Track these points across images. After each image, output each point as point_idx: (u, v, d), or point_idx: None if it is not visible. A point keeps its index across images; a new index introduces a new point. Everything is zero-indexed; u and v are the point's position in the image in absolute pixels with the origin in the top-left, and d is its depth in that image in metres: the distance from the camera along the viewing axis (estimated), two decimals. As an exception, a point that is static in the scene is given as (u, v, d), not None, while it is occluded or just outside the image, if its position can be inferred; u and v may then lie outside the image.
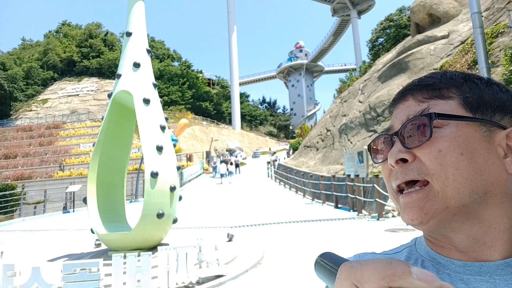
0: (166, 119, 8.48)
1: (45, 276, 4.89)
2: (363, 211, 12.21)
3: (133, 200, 18.43)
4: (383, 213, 10.87)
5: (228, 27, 63.45)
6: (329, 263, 0.43)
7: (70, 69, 66.56)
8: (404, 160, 0.55)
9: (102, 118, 8.18)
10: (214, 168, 29.37)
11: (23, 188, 26.88)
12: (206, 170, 32.44)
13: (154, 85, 8.45)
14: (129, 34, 8.51)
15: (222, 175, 27.43)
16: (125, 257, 5.24)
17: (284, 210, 13.50)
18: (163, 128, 7.91)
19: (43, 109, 56.47)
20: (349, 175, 13.75)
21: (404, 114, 0.58)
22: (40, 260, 7.13)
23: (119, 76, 8.16)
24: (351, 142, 19.04)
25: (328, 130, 23.89)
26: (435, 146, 0.52)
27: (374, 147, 0.62)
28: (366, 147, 14.14)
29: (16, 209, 20.16)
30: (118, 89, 7.99)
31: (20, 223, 15.46)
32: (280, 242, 8.23)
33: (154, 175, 7.07)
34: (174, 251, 5.48)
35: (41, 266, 4.99)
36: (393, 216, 10.82)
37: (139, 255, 5.36)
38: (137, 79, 8.06)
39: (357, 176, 12.92)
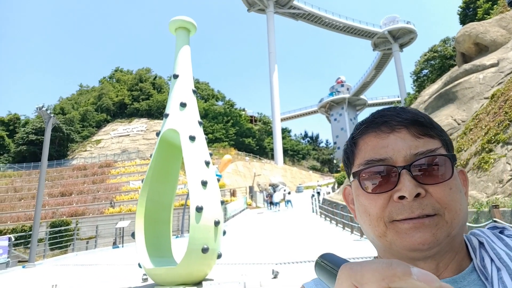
0: (211, 154, 8.70)
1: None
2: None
3: (179, 236, 18.68)
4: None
5: (269, 67, 65.18)
6: (329, 264, 0.44)
7: (121, 112, 70.91)
8: (417, 194, 0.57)
9: (151, 156, 8.55)
10: (269, 202, 30.84)
11: (77, 224, 28.22)
12: (250, 205, 32.37)
13: (199, 123, 8.78)
14: (176, 76, 9.02)
15: (277, 204, 29.66)
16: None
17: (331, 246, 13.04)
18: (207, 163, 8.11)
19: (96, 149, 60.00)
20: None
21: (403, 147, 0.60)
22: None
23: (167, 115, 8.59)
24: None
25: (373, 164, 23.18)
26: (447, 184, 0.58)
27: (366, 176, 0.62)
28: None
29: (70, 244, 21.06)
30: (166, 128, 8.38)
31: (73, 257, 16.09)
32: (327, 280, 7.89)
33: (199, 209, 7.19)
34: (219, 286, 5.44)
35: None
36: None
37: (184, 290, 5.37)
38: (183, 118, 8.43)
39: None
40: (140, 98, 71.36)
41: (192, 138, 8.09)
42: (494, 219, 7.85)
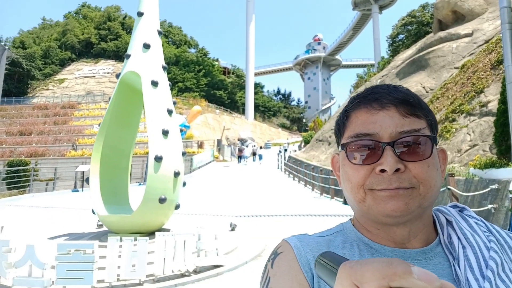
0: (174, 103, 8.31)
1: (40, 254, 4.80)
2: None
3: (142, 183, 18.46)
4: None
5: (246, 16, 62.86)
6: (329, 263, 0.44)
7: (87, 51, 67.09)
8: (397, 169, 0.62)
9: (109, 99, 8.05)
10: (240, 157, 32.14)
11: (36, 165, 27.27)
12: (217, 158, 32.38)
13: (164, 68, 8.26)
14: (140, 14, 8.32)
15: (246, 157, 31.87)
16: (121, 240, 5.12)
17: (291, 202, 13.29)
18: (170, 112, 7.74)
19: (59, 88, 57.16)
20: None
21: (391, 124, 0.64)
22: (41, 237, 7.10)
23: (128, 56, 8.00)
24: (364, 138, 18.64)
25: (341, 125, 23.50)
26: (426, 162, 0.63)
27: (353, 148, 0.66)
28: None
29: (28, 185, 20.38)
30: (127, 70, 7.84)
31: (29, 198, 15.62)
32: (284, 235, 8.03)
33: (158, 159, 6.93)
34: (172, 237, 5.34)
35: (36, 244, 4.90)
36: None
37: (135, 239, 5.23)
38: (146, 61, 7.88)
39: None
40: (108, 38, 67.47)
41: (154, 84, 7.63)
42: (449, 186, 8.12)
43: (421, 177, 0.63)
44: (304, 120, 78.31)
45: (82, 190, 18.81)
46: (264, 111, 74.17)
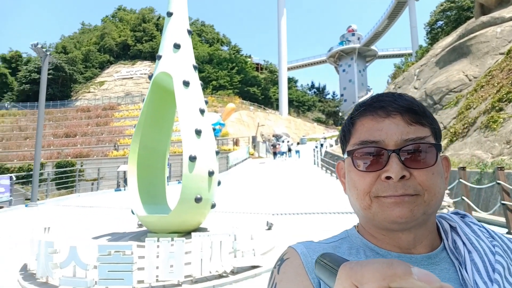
0: (206, 102, 8.33)
1: (82, 255, 4.96)
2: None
3: (181, 181, 18.83)
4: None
5: (277, 10, 62.40)
6: (329, 264, 0.44)
7: (124, 53, 69.30)
8: (402, 176, 0.63)
9: (143, 101, 8.20)
10: (275, 153, 32.16)
11: (81, 166, 28.60)
12: (252, 154, 32.46)
13: (195, 67, 8.29)
14: (169, 14, 8.37)
15: (283, 153, 31.86)
16: (158, 240, 5.19)
17: (329, 199, 13.05)
18: (202, 111, 7.76)
19: (100, 91, 59.51)
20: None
21: (396, 132, 0.65)
22: (85, 237, 7.37)
23: (159, 57, 8.08)
24: (403, 131, 17.96)
25: (378, 118, 22.77)
26: (431, 170, 0.64)
27: (359, 155, 0.67)
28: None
29: (75, 185, 21.40)
30: (158, 71, 7.92)
31: (75, 198, 16.37)
32: (322, 233, 7.88)
33: (192, 159, 6.97)
34: (208, 238, 5.34)
35: (78, 245, 5.07)
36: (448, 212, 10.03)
37: (172, 240, 5.29)
38: (177, 61, 7.93)
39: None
40: (143, 39, 69.35)
41: (186, 84, 7.67)
42: (498, 181, 7.61)
43: (426, 184, 0.64)
44: (340, 114, 76.83)
45: (124, 189, 19.50)
46: (298, 106, 73.44)
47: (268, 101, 66.90)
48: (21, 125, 41.59)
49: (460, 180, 9.11)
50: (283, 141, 37.34)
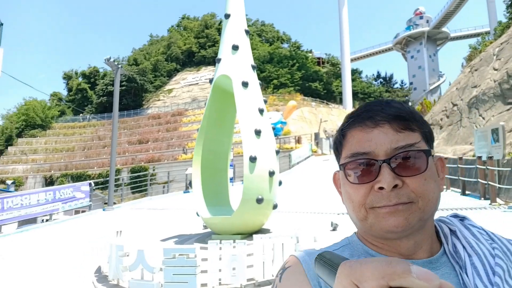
0: (265, 101, 8.23)
1: (149, 258, 5.11)
2: (498, 199, 10.28)
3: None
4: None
5: (338, 0, 60.62)
6: (329, 262, 0.45)
7: (190, 60, 72.24)
8: (395, 186, 0.63)
9: (205, 104, 8.33)
10: None
11: (153, 170, 30.32)
12: (315, 152, 31.86)
13: (253, 67, 8.25)
14: (227, 16, 8.42)
15: None
16: (221, 243, 5.18)
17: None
18: (261, 111, 7.68)
19: (168, 98, 62.69)
20: (480, 157, 11.71)
21: (385, 141, 0.65)
22: (154, 239, 7.67)
23: (219, 60, 8.16)
24: (483, 118, 16.30)
25: (454, 105, 20.98)
26: (422, 176, 0.64)
27: (351, 167, 0.67)
28: (502, 123, 11.83)
29: (148, 189, 22.71)
30: (219, 74, 8.01)
31: (147, 201, 17.32)
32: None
33: (253, 159, 6.92)
34: (270, 240, 5.22)
35: (146, 248, 5.24)
36: (541, 206, 8.83)
37: (234, 242, 5.24)
38: (235, 62, 7.95)
39: (490, 158, 10.92)
40: (206, 45, 71.65)
41: (245, 84, 7.65)
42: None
43: (419, 191, 0.63)
44: (410, 103, 72.36)
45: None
46: (364, 98, 70.50)
47: (331, 96, 65.24)
48: (100, 134, 45.31)
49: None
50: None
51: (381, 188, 0.63)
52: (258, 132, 7.23)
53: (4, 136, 50.01)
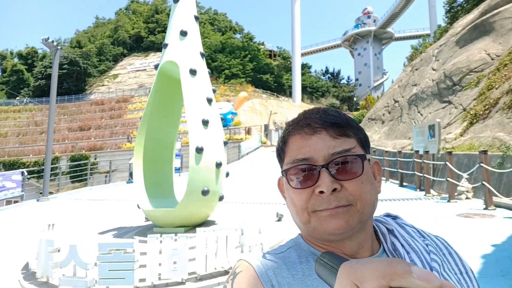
0: (214, 91, 8.02)
1: (82, 254, 4.76)
2: (432, 191, 10.98)
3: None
4: (455, 194, 9.63)
5: (290, -5, 61.11)
6: (329, 262, 0.45)
7: (138, 45, 69.40)
8: (334, 189, 0.66)
9: (149, 91, 7.94)
10: None
11: (95, 158, 28.83)
12: (264, 143, 32.14)
13: (202, 55, 7.98)
14: (176, 0, 8.04)
15: None
16: (162, 237, 4.95)
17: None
18: (210, 100, 7.46)
19: (114, 83, 59.88)
20: (417, 151, 12.43)
21: (323, 147, 0.68)
22: (91, 232, 7.23)
23: (165, 45, 7.80)
24: (421, 115, 17.30)
25: (396, 101, 22.07)
26: (359, 179, 0.67)
27: (292, 173, 0.69)
28: (438, 120, 12.60)
29: (89, 178, 21.53)
30: (165, 60, 7.65)
31: (87, 192, 16.40)
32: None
33: (199, 150, 6.71)
34: (213, 233, 5.07)
35: (78, 243, 4.87)
36: (467, 198, 9.53)
37: (176, 235, 5.04)
38: (183, 49, 7.62)
39: (426, 152, 11.61)
40: (156, 30, 69.20)
41: (192, 72, 7.37)
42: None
43: (356, 194, 0.66)
44: (355, 99, 75.34)
45: (137, 181, 19.48)
46: (312, 92, 72.31)
47: (281, 89, 66.08)
48: (37, 120, 42.23)
49: (481, 164, 8.58)
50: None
51: (321, 192, 0.65)
52: (205, 122, 7.02)
53: None
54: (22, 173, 13.84)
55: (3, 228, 9.61)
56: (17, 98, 53.17)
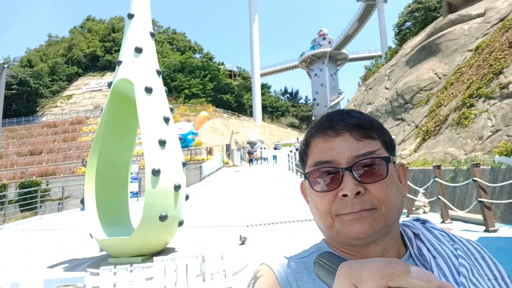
0: (172, 110, 7.76)
1: (24, 292, 4.27)
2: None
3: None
4: (413, 209, 9.87)
5: (249, 16, 62.31)
6: (328, 263, 0.45)
7: (93, 64, 67.39)
8: (357, 192, 0.64)
9: (102, 111, 7.53)
10: (251, 160, 32.07)
11: (47, 185, 27.12)
12: (226, 163, 31.82)
13: (158, 72, 7.73)
14: (130, 16, 7.80)
15: (265, 159, 32.11)
16: (115, 268, 4.57)
17: (306, 206, 12.61)
18: (167, 120, 7.19)
19: (68, 104, 57.42)
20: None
21: (346, 150, 0.66)
22: (40, 266, 6.61)
23: (119, 63, 7.49)
24: (377, 132, 17.89)
25: (352, 120, 22.74)
26: (384, 182, 0.65)
27: (315, 176, 0.68)
28: (393, 137, 13.01)
29: (41, 206, 20.12)
30: (118, 77, 7.33)
31: (37, 221, 15.24)
32: (301, 244, 7.38)
33: (156, 172, 6.38)
34: (172, 262, 4.76)
35: (21, 281, 4.38)
36: (425, 212, 9.78)
37: (131, 266, 4.67)
38: (138, 66, 7.35)
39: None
40: (113, 49, 67.58)
41: (148, 90, 7.09)
42: (474, 178, 7.37)
43: (381, 197, 0.64)
44: (313, 118, 77.20)
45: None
46: (272, 111, 73.33)
47: (242, 108, 66.42)
48: (-18, 144, 39.39)
49: (436, 179, 8.87)
50: (262, 148, 37.02)
51: (345, 195, 0.64)
52: (162, 143, 6.72)
53: None
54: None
55: None
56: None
